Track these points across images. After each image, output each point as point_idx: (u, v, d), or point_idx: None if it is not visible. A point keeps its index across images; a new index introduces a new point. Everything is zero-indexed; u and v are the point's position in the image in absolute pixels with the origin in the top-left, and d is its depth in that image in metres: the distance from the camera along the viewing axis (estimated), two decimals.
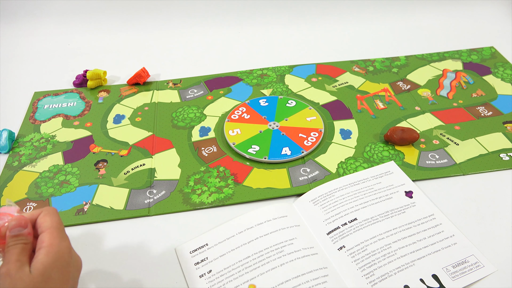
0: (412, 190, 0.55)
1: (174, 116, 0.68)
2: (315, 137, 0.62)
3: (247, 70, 0.78)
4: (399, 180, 0.56)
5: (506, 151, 0.61)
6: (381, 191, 0.55)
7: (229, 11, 0.91)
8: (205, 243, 0.50)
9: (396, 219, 0.51)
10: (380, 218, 0.51)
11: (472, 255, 0.47)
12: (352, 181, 0.56)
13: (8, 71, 0.81)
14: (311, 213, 0.53)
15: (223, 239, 0.50)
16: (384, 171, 0.57)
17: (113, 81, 0.77)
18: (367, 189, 0.55)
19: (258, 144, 0.62)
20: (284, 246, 0.48)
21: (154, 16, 0.91)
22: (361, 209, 0.52)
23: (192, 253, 0.49)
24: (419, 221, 0.51)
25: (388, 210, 0.52)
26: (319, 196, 0.54)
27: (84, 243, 0.51)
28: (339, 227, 0.51)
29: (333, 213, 0.52)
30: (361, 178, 0.56)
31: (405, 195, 0.54)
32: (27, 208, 0.55)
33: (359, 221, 0.51)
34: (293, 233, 0.50)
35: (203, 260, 0.48)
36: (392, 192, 0.55)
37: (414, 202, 0.53)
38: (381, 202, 0.53)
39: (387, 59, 0.80)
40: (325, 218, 0.52)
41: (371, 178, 0.56)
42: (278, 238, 0.49)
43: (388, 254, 0.48)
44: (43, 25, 0.91)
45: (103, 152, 0.63)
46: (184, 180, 0.58)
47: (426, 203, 0.53)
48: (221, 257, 0.48)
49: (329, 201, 0.54)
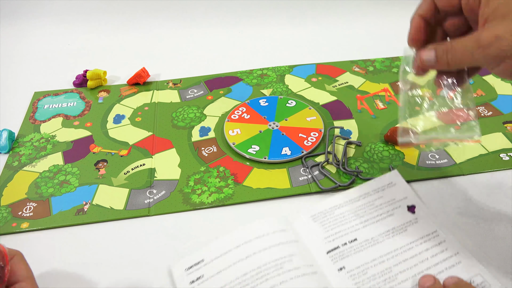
0: (414, 204, 0.53)
1: (174, 116, 0.69)
2: (315, 137, 0.62)
3: (247, 70, 0.78)
4: (402, 193, 0.54)
5: (506, 151, 0.61)
6: (383, 206, 0.52)
7: (229, 11, 0.91)
8: (201, 259, 0.47)
9: (398, 238, 0.49)
10: (380, 238, 0.49)
11: (478, 275, 0.45)
12: (353, 197, 0.54)
13: (8, 71, 0.81)
14: (310, 229, 0.51)
15: (219, 254, 0.47)
16: (386, 182, 0.55)
17: (113, 81, 0.77)
18: (368, 205, 0.53)
19: (258, 144, 0.62)
20: (284, 263, 0.46)
21: (154, 16, 0.91)
22: (361, 229, 0.50)
23: (187, 270, 0.47)
24: (421, 240, 0.49)
25: (389, 228, 0.50)
26: (318, 213, 0.52)
27: (84, 243, 0.51)
28: (339, 247, 0.49)
29: (333, 232, 0.50)
30: (362, 193, 0.54)
31: (408, 210, 0.52)
32: (27, 208, 0.55)
33: (359, 241, 0.49)
34: (292, 249, 0.48)
35: (198, 278, 0.46)
36: (394, 208, 0.52)
37: (416, 218, 0.51)
38: (383, 220, 0.51)
39: (387, 59, 0.80)
40: (325, 236, 0.50)
41: (372, 192, 0.54)
42: (277, 253, 0.47)
43: (389, 278, 0.45)
44: (43, 25, 0.91)
45: (103, 152, 0.63)
46: (184, 180, 0.58)
47: (429, 218, 0.51)
48: (218, 274, 0.46)
49: (329, 219, 0.52)
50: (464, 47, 0.38)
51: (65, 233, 0.52)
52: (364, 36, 0.87)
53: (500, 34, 0.35)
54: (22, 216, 0.54)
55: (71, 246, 0.51)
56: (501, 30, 0.36)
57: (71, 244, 0.51)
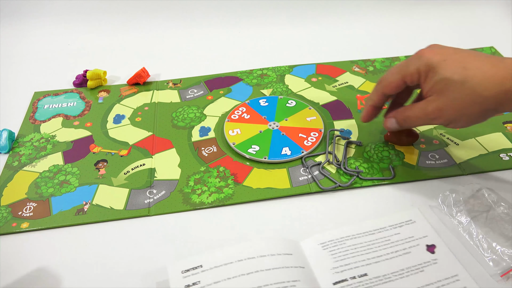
0: (435, 243, 0.48)
1: (174, 116, 0.69)
2: (315, 137, 0.62)
3: (247, 70, 0.78)
4: (422, 231, 0.50)
5: (506, 151, 0.61)
6: (399, 243, 0.48)
7: (229, 11, 0.91)
8: (199, 264, 0.45)
9: (413, 279, 0.45)
10: (393, 276, 0.45)
11: None
12: (368, 230, 0.50)
13: (8, 71, 0.81)
14: (318, 257, 0.48)
15: (220, 264, 0.45)
16: (405, 219, 0.51)
17: (113, 81, 0.77)
18: (384, 240, 0.49)
19: (258, 144, 0.62)
20: (286, 287, 0.43)
21: (154, 16, 0.91)
22: (373, 264, 0.46)
23: (184, 273, 0.45)
24: (439, 283, 0.44)
25: (404, 267, 0.46)
26: (329, 241, 0.49)
27: (84, 243, 0.51)
28: (347, 279, 0.45)
29: (342, 263, 0.47)
30: (378, 227, 0.50)
31: (427, 249, 0.48)
32: (27, 208, 0.55)
33: (369, 277, 0.45)
34: (297, 275, 0.45)
35: (194, 283, 0.44)
36: (412, 246, 0.48)
37: (436, 258, 0.47)
38: (398, 257, 0.47)
39: (387, 59, 0.80)
40: (333, 266, 0.47)
41: (389, 227, 0.50)
42: (280, 276, 0.44)
43: None
44: (43, 25, 0.91)
45: (103, 152, 0.63)
46: (184, 180, 0.58)
47: (450, 260, 0.46)
48: (215, 284, 0.43)
49: (340, 249, 0.48)
50: (417, 117, 0.50)
51: (65, 233, 0.52)
52: (364, 36, 0.87)
53: (442, 107, 0.46)
54: (22, 216, 0.54)
55: (71, 246, 0.51)
56: (441, 104, 0.46)
57: (71, 244, 0.51)
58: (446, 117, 0.47)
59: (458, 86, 0.44)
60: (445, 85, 0.45)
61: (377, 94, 0.54)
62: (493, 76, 0.43)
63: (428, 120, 0.49)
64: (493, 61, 0.44)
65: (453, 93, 0.45)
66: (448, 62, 0.45)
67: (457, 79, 0.44)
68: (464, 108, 0.45)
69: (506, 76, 0.43)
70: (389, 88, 0.52)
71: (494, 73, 0.43)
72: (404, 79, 0.50)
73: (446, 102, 0.46)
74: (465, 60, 0.45)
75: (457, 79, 0.44)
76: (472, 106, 0.44)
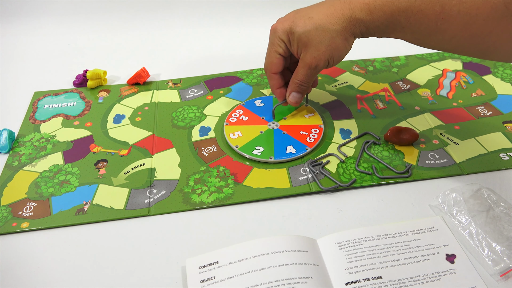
0: (455, 253, 0.47)
1: (174, 116, 0.69)
2: (317, 133, 0.62)
3: (247, 70, 0.78)
4: (443, 239, 0.49)
5: (506, 151, 0.61)
6: (418, 250, 0.48)
7: (229, 11, 0.91)
8: (215, 260, 0.47)
9: (428, 286, 0.44)
10: (408, 282, 0.45)
11: None
12: (388, 232, 0.50)
13: (8, 71, 0.81)
14: (333, 256, 0.48)
15: (235, 260, 0.46)
16: (427, 226, 0.50)
17: (113, 81, 0.77)
18: (402, 244, 0.48)
19: (261, 145, 0.62)
20: (297, 283, 0.44)
21: (154, 16, 0.91)
22: (389, 267, 0.46)
23: (201, 268, 0.46)
24: None
25: (420, 274, 0.45)
26: (346, 241, 0.49)
27: (84, 243, 0.51)
28: (360, 281, 0.45)
29: (357, 264, 0.46)
30: (399, 231, 0.50)
31: (446, 258, 0.47)
32: (27, 207, 0.55)
33: (383, 280, 0.45)
34: (310, 272, 0.45)
35: (210, 278, 0.45)
36: (431, 253, 0.47)
37: (455, 268, 0.46)
38: (415, 263, 0.46)
39: (387, 59, 0.80)
40: (348, 266, 0.46)
41: (410, 232, 0.50)
42: (292, 272, 0.45)
43: None
44: (43, 25, 0.91)
45: (103, 152, 0.63)
46: (184, 180, 0.58)
47: (470, 271, 0.46)
48: (229, 279, 0.45)
49: (356, 249, 0.48)
50: (304, 75, 0.58)
51: (65, 233, 0.52)
52: None
53: (314, 55, 0.55)
54: (22, 216, 0.54)
55: (71, 246, 0.51)
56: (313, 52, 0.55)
57: (71, 244, 0.51)
58: (323, 59, 0.55)
59: (314, 33, 0.54)
60: (305, 38, 0.54)
61: (270, 78, 0.62)
62: (333, 13, 0.53)
63: (313, 70, 0.57)
64: (329, 3, 0.54)
65: (314, 40, 0.54)
66: (296, 21, 0.55)
67: (310, 29, 0.54)
68: (329, 45, 0.54)
69: (343, 7, 0.53)
70: (271, 66, 0.60)
71: (333, 10, 0.53)
72: (278, 53, 0.58)
73: (315, 49, 0.54)
74: (307, 13, 0.55)
75: (310, 28, 0.54)
76: (333, 40, 0.54)
